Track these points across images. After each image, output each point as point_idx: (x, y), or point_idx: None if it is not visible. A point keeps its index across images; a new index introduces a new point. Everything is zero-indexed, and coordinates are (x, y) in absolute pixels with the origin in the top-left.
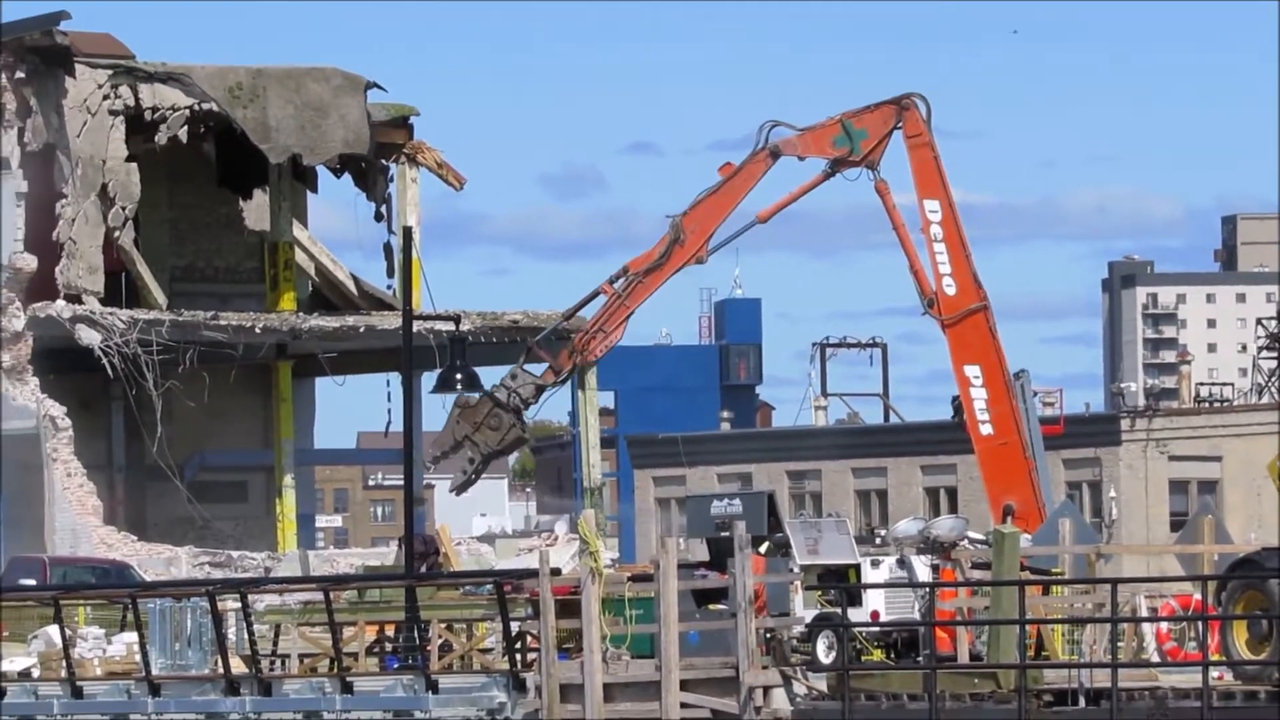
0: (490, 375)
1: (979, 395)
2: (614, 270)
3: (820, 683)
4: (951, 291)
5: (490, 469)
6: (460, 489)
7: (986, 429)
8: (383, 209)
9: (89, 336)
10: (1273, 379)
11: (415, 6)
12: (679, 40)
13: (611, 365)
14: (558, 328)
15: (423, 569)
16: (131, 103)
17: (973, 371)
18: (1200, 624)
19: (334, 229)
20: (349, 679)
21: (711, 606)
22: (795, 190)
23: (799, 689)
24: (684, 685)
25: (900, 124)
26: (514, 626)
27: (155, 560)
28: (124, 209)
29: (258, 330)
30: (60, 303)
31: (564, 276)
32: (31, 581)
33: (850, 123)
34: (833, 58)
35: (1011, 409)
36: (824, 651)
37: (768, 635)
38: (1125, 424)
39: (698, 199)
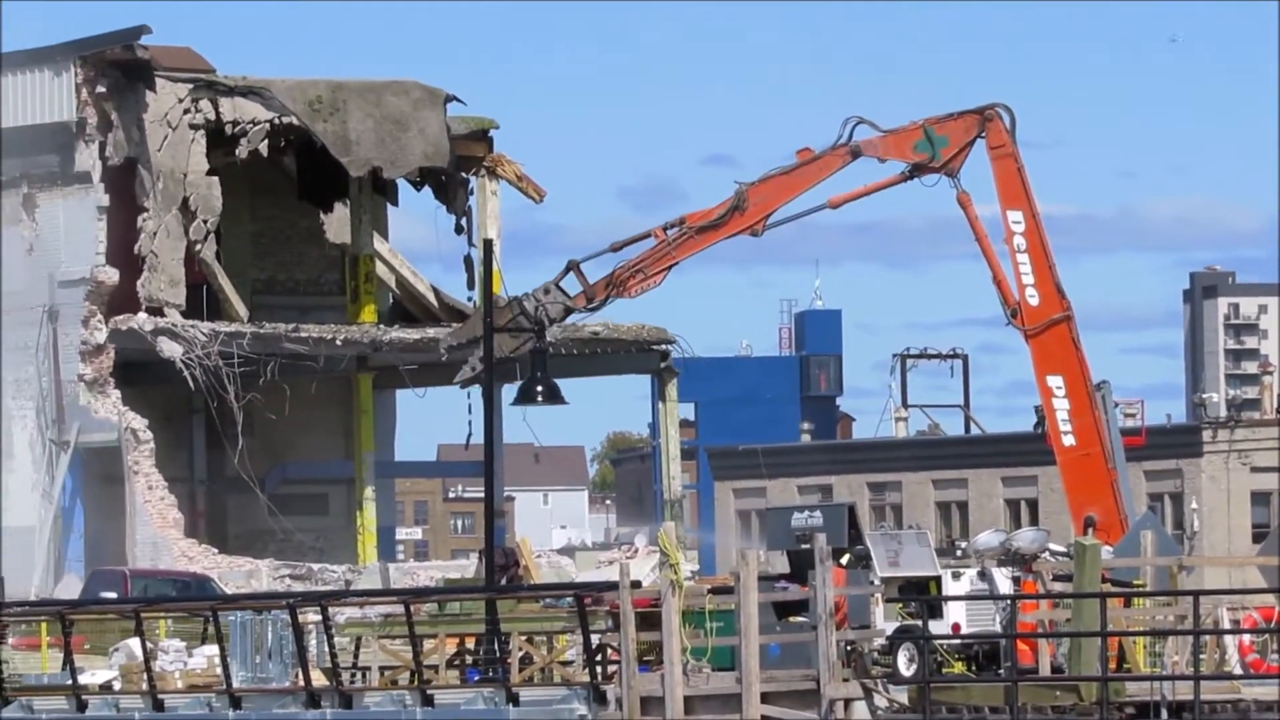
0: (570, 387)
1: (1061, 406)
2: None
3: (901, 695)
4: (1035, 302)
5: (568, 482)
6: (465, 383)
7: (1069, 440)
8: (463, 221)
9: (170, 349)
10: None
11: (494, 19)
12: (757, 49)
13: (692, 377)
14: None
15: (503, 581)
16: (212, 116)
17: (1055, 382)
18: None
19: (414, 241)
20: (429, 692)
21: (792, 619)
22: (871, 185)
23: (880, 701)
24: (764, 698)
25: (983, 134)
26: (594, 639)
27: (236, 573)
28: (205, 222)
29: (338, 342)
30: (142, 315)
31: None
32: (113, 594)
33: (932, 129)
34: (913, 63)
35: (1094, 420)
36: (905, 664)
37: (848, 648)
38: (1207, 435)
39: (769, 174)
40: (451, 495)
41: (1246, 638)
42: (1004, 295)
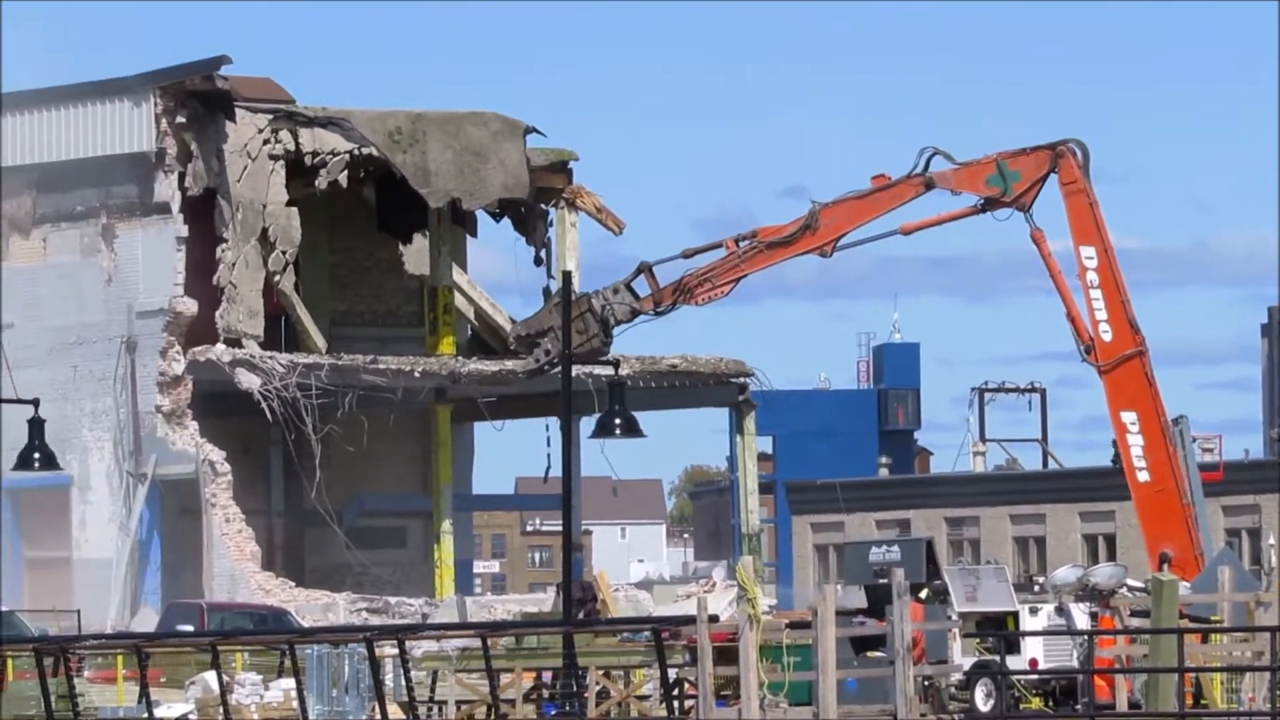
0: (648, 420)
1: (1136, 442)
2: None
3: None
4: (1108, 337)
5: (646, 516)
6: (529, 374)
7: (1143, 476)
8: (542, 253)
9: (248, 381)
10: None
11: (573, 50)
12: (834, 81)
13: (770, 410)
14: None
15: (580, 615)
16: (292, 147)
17: (1129, 418)
18: None
19: (493, 273)
20: None
21: (870, 654)
22: (944, 214)
23: None
24: None
25: (1055, 170)
26: (671, 673)
27: (313, 606)
28: (284, 253)
29: (417, 374)
30: (220, 347)
31: (721, 321)
32: (189, 627)
33: (1005, 163)
34: (989, 97)
35: (1169, 456)
36: (982, 699)
37: (926, 683)
38: None
39: (843, 196)
40: (529, 528)
41: None
42: (1078, 331)
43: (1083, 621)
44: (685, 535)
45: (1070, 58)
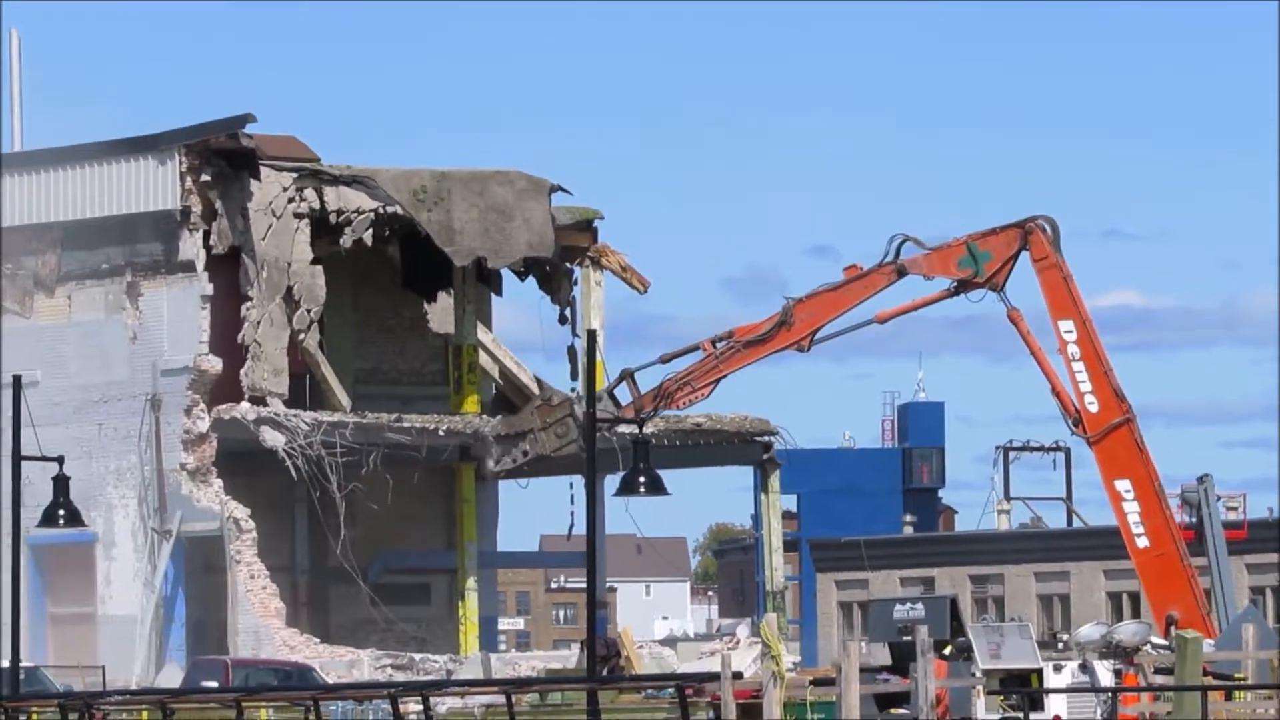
0: (673, 478)
1: (1132, 509)
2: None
3: None
4: (1094, 409)
5: (670, 573)
6: (500, 474)
7: (1143, 542)
8: (567, 312)
9: (273, 438)
10: None
11: (598, 108)
12: (859, 140)
13: (794, 468)
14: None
15: (605, 672)
16: (316, 205)
17: (1123, 486)
18: None
19: (518, 331)
20: None
21: (894, 711)
22: (918, 300)
23: None
24: None
25: (1026, 247)
26: None
27: (338, 662)
28: (309, 312)
29: (441, 433)
30: (245, 405)
31: (746, 381)
32: (214, 684)
33: (975, 245)
34: (1015, 155)
35: (1166, 519)
36: None
37: None
38: None
39: (816, 290)
40: (554, 586)
41: None
42: (1064, 405)
43: (1107, 679)
44: (709, 592)
45: (1101, 113)
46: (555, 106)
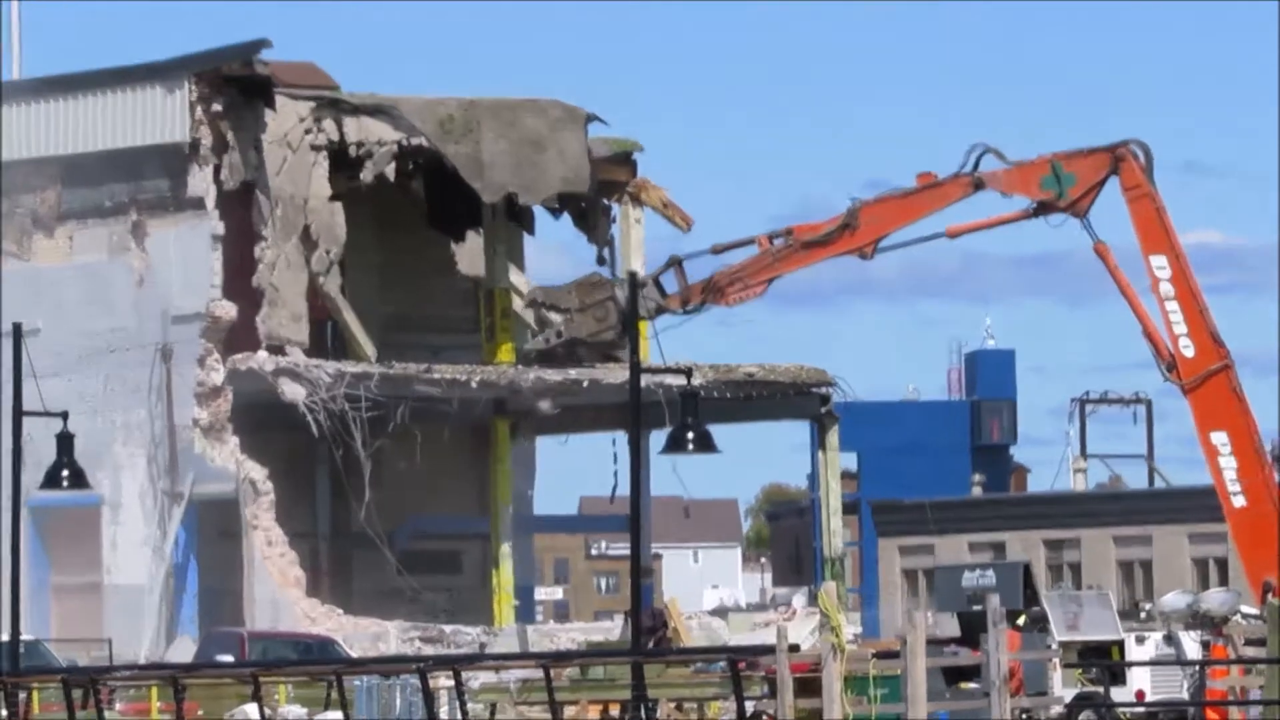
0: (723, 433)
1: (1228, 464)
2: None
3: None
4: (1190, 353)
5: (721, 538)
6: (531, 352)
7: (1239, 500)
8: (605, 252)
9: (293, 391)
10: None
11: (637, 33)
12: (920, 62)
13: (854, 424)
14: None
15: (650, 645)
16: (336, 137)
17: (1220, 439)
18: None
19: (552, 274)
20: None
21: (963, 685)
22: (993, 217)
23: None
24: None
25: (1116, 173)
26: (749, 706)
27: (362, 635)
28: (328, 253)
29: (474, 385)
30: (262, 354)
31: (799, 326)
32: (229, 657)
33: (1060, 164)
34: (1080, 80)
35: (1265, 476)
36: None
37: (1024, 716)
38: None
39: (884, 194)
40: (595, 552)
41: None
42: (1157, 349)
43: (1193, 651)
44: (763, 559)
45: (1168, 57)
46: (591, 29)
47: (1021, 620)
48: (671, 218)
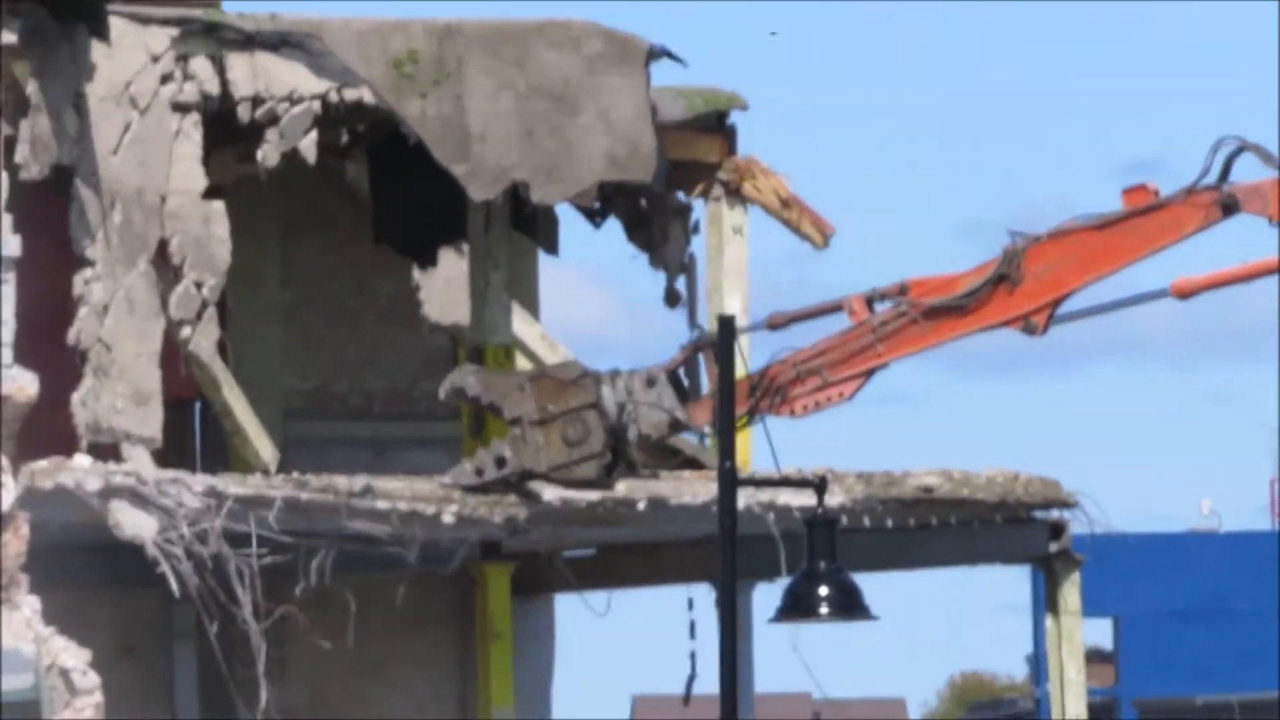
0: (877, 587)
1: None
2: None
3: None
4: None
5: None
6: (466, 489)
7: None
8: (680, 283)
9: (135, 525)
10: None
11: None
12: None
13: (1106, 572)
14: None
15: None
16: (215, 89)
17: None
18: None
19: (587, 321)
20: None
21: None
22: (1250, 266)
23: None
24: None
25: None
26: None
27: None
28: (199, 287)
29: (447, 517)
30: (81, 463)
31: (999, 401)
32: None
33: None
34: None
35: None
36: None
37: None
38: None
39: (1067, 226)
40: None
41: None
42: None
43: None
44: None
45: None
46: None
47: None
48: (797, 224)
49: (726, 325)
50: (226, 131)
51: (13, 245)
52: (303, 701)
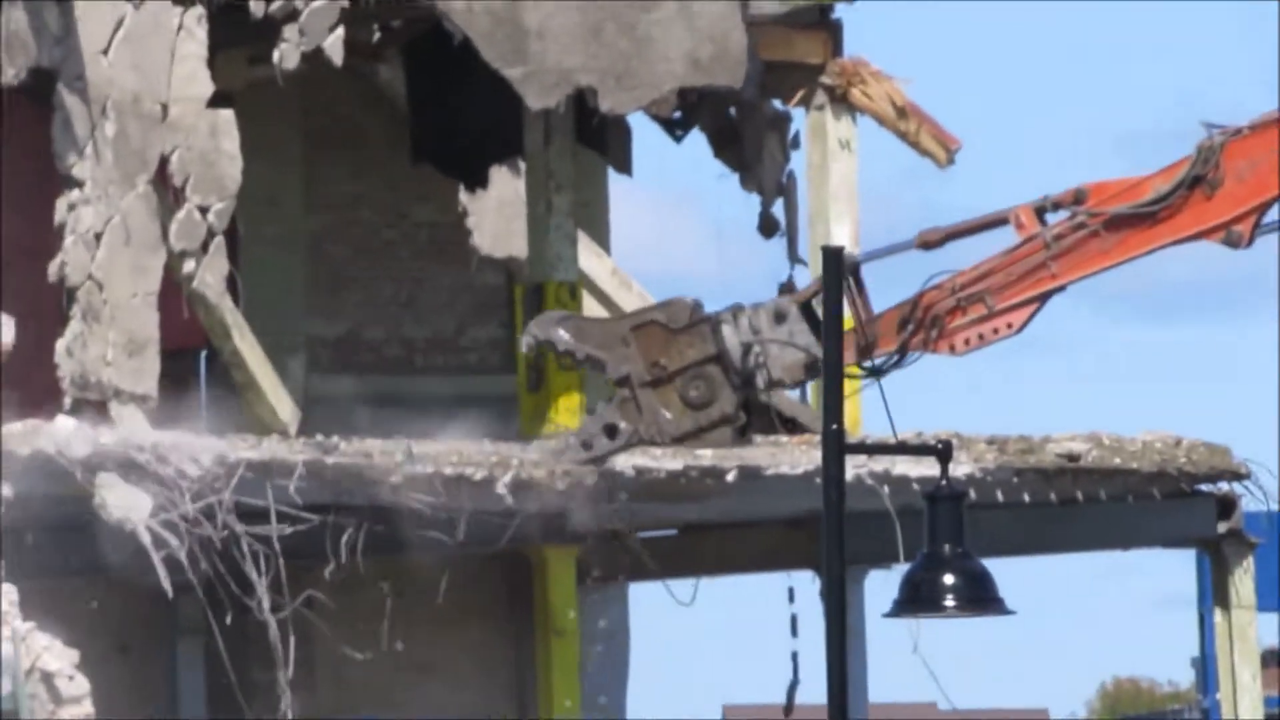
0: (1012, 574)
1: None
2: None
3: None
4: None
5: None
6: (582, 463)
7: None
8: (778, 207)
9: (124, 505)
10: None
11: None
12: None
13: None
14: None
15: None
16: None
17: None
18: None
19: (668, 254)
20: None
21: None
22: None
23: None
24: None
25: None
26: None
27: None
28: (205, 213)
29: (502, 485)
30: (65, 423)
31: (1158, 350)
32: None
33: None
34: None
35: None
36: None
37: None
38: None
39: (1274, 116)
40: None
41: None
42: None
43: None
44: None
45: None
46: None
47: None
48: (915, 138)
49: (835, 257)
50: (237, 28)
51: None
52: (328, 706)
